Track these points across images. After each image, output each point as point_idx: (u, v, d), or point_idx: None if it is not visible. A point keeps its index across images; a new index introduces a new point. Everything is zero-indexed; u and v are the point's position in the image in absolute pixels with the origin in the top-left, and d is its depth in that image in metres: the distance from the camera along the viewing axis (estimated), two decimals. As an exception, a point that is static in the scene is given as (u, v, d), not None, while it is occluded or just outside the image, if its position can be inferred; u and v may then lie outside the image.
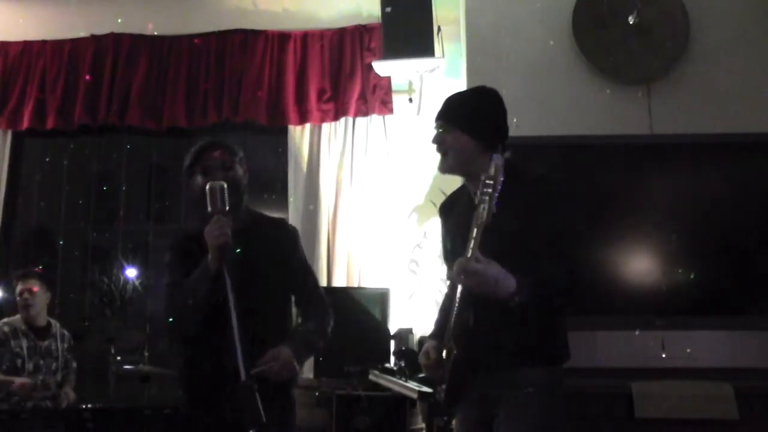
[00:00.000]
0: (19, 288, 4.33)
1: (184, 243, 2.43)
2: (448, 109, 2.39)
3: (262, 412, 1.83)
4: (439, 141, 2.36)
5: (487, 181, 2.01)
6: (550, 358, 2.23)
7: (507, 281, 2.03)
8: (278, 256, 2.47)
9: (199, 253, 2.25)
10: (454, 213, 2.44)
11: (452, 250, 2.37)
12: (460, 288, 2.11)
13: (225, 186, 2.18)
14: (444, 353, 2.24)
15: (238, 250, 2.22)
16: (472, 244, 2.02)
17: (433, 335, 2.43)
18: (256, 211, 2.56)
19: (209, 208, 2.17)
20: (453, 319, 2.16)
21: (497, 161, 2.02)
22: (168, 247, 2.52)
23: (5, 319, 4.35)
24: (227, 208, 2.17)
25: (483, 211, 2.00)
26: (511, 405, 2.15)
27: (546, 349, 2.21)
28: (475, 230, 2.02)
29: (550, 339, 2.23)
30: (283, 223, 2.63)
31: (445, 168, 2.38)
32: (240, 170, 2.44)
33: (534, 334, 2.17)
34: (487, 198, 2.00)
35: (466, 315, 2.13)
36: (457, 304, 2.14)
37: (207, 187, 2.18)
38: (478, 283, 2.02)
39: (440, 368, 2.26)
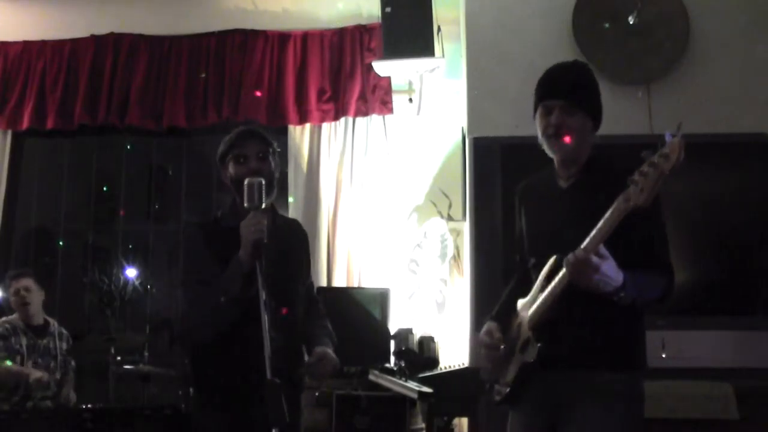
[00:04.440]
0: (13, 287, 4.33)
1: (219, 232, 2.34)
2: (571, 90, 2.16)
3: (287, 412, 1.81)
4: (560, 124, 2.13)
5: (658, 159, 1.76)
6: (632, 362, 2.08)
7: (615, 276, 1.88)
8: (299, 256, 2.50)
9: (232, 248, 2.18)
10: (538, 196, 2.30)
11: (541, 236, 2.23)
12: (555, 283, 1.98)
13: (263, 182, 2.14)
14: (511, 342, 2.14)
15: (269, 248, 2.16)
16: (603, 229, 1.86)
17: (494, 318, 2.28)
18: (276, 209, 2.52)
19: (246, 204, 2.13)
20: (536, 310, 2.05)
21: (681, 140, 1.76)
22: (198, 233, 2.43)
23: (4, 318, 4.35)
24: (264, 204, 2.15)
25: (639, 193, 1.77)
26: (588, 410, 2.01)
27: (630, 352, 2.08)
28: (615, 212, 1.83)
29: (634, 342, 2.10)
30: (299, 225, 2.66)
31: (567, 152, 2.16)
32: (273, 163, 2.38)
33: (620, 336, 2.05)
34: (650, 181, 1.76)
35: (557, 308, 2.00)
36: (546, 297, 2.02)
37: (245, 182, 2.14)
38: (587, 279, 1.87)
39: (499, 351, 2.17)
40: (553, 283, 2.01)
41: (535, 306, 2.08)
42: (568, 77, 2.20)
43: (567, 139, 2.13)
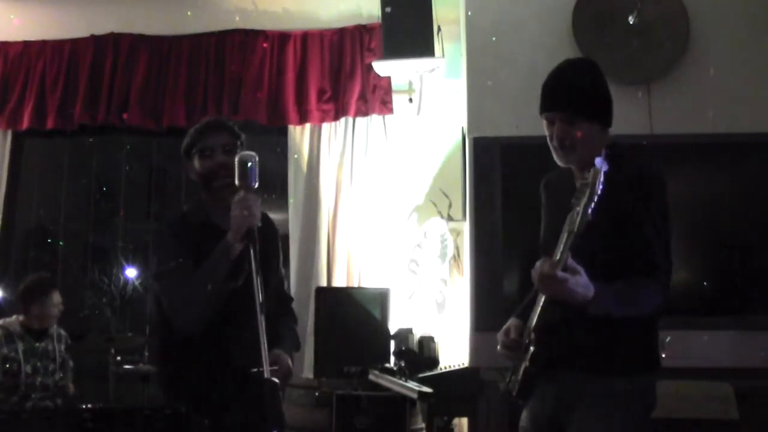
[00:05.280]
0: (48, 301, 4.26)
1: (186, 227, 2.27)
2: (571, 100, 2.11)
3: (284, 414, 1.77)
4: (563, 136, 2.10)
5: (581, 186, 1.80)
6: (635, 367, 2.04)
7: (585, 292, 1.87)
8: (272, 249, 2.41)
9: (201, 242, 2.11)
10: (554, 194, 2.29)
11: (551, 235, 2.19)
12: None
13: (257, 159, 2.00)
14: (525, 340, 2.13)
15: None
16: (561, 249, 1.86)
17: (518, 314, 2.25)
18: None
19: (237, 182, 2.00)
20: (537, 311, 2.04)
21: (600, 167, 1.79)
22: (167, 228, 2.34)
23: (0, 322, 4.32)
24: (256, 184, 2.01)
25: (576, 217, 1.80)
26: (587, 413, 2.00)
27: (632, 357, 2.03)
28: (566, 235, 1.84)
29: (638, 346, 2.05)
30: (269, 217, 2.51)
31: (573, 162, 2.14)
32: None
33: (621, 340, 2.00)
34: (581, 204, 1.79)
35: (552, 310, 1.99)
36: (544, 299, 2.00)
37: (237, 157, 2.00)
38: (554, 292, 1.89)
39: (517, 350, 2.15)
40: None
41: (537, 308, 2.07)
42: (566, 85, 2.15)
43: (572, 149, 2.11)
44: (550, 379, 2.08)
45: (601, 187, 1.77)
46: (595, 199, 1.78)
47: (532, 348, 2.05)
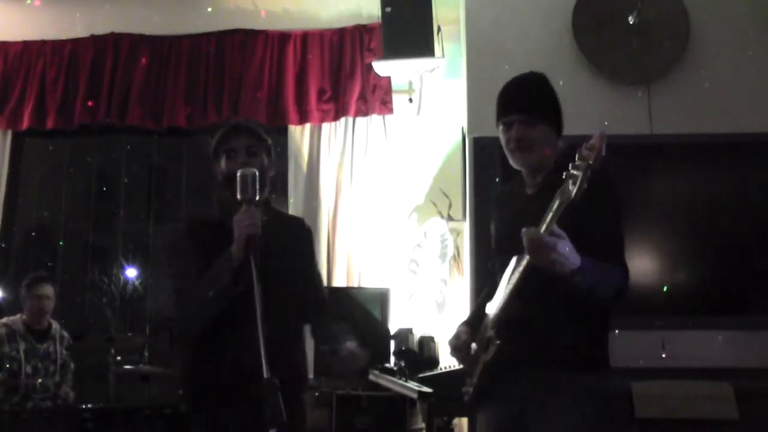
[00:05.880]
0: (34, 293, 4.29)
1: (201, 230, 2.33)
2: (528, 104, 2.22)
3: (284, 412, 1.77)
4: (522, 137, 2.18)
5: (585, 152, 1.81)
6: (595, 363, 2.09)
7: (573, 258, 1.89)
8: (297, 255, 2.43)
9: (216, 242, 2.16)
10: (507, 203, 2.36)
11: (506, 238, 2.25)
12: (515, 276, 2.01)
13: (257, 174, 2.09)
14: (475, 344, 2.16)
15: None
16: (549, 217, 1.89)
17: (466, 322, 2.31)
18: (275, 207, 2.50)
19: (239, 196, 2.08)
20: (498, 307, 2.08)
21: (603, 132, 1.81)
22: (180, 231, 2.43)
23: (3, 320, 4.32)
24: (257, 197, 2.10)
25: (573, 187, 1.82)
26: (548, 410, 2.02)
27: (592, 353, 2.09)
28: (557, 204, 1.87)
29: (597, 342, 2.11)
30: (302, 223, 2.60)
31: (529, 163, 2.21)
32: (266, 159, 2.35)
33: (582, 336, 2.05)
34: (580, 173, 1.80)
35: (516, 305, 2.03)
36: (507, 293, 2.03)
37: (238, 173, 2.09)
38: (545, 257, 1.89)
39: (468, 352, 2.19)
40: (511, 281, 2.04)
41: (496, 305, 2.11)
42: (524, 91, 2.27)
43: (530, 150, 2.19)
44: (508, 376, 2.09)
45: (603, 154, 1.80)
46: (596, 166, 1.80)
47: (497, 342, 2.07)
